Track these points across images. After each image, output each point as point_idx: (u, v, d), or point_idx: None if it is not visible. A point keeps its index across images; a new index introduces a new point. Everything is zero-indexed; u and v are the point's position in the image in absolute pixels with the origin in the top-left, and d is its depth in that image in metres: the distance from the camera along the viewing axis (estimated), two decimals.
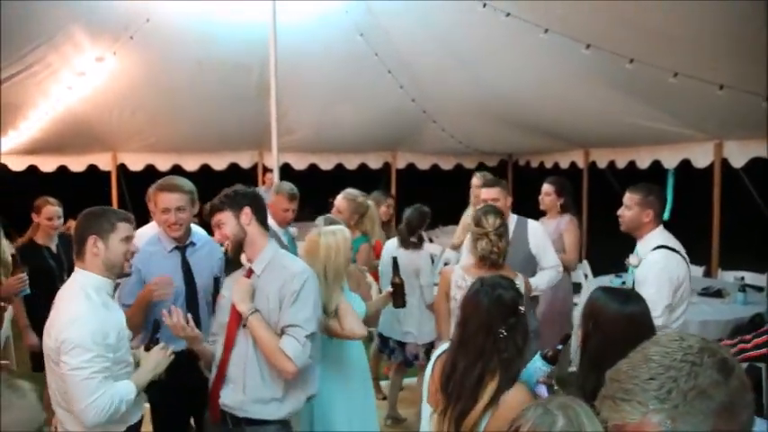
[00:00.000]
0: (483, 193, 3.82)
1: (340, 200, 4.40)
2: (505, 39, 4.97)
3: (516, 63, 5.41)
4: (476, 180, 4.96)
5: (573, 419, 1.31)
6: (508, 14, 4.44)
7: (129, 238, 2.41)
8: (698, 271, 6.14)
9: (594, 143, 7.77)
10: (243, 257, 2.59)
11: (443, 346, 2.24)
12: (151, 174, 7.88)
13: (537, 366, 2.16)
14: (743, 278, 5.38)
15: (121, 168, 8.59)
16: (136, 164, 8.47)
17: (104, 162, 8.50)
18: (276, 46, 4.93)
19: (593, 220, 7.84)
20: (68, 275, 2.44)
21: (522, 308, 2.08)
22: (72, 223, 6.24)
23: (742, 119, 5.03)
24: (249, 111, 7.24)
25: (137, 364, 2.41)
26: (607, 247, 4.12)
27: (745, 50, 3.86)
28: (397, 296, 3.26)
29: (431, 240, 9.44)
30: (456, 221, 9.90)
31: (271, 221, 3.74)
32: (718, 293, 5.22)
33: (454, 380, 2.03)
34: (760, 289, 5.62)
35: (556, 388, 2.19)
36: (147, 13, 5.54)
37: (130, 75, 6.35)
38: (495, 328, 2.00)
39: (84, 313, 2.19)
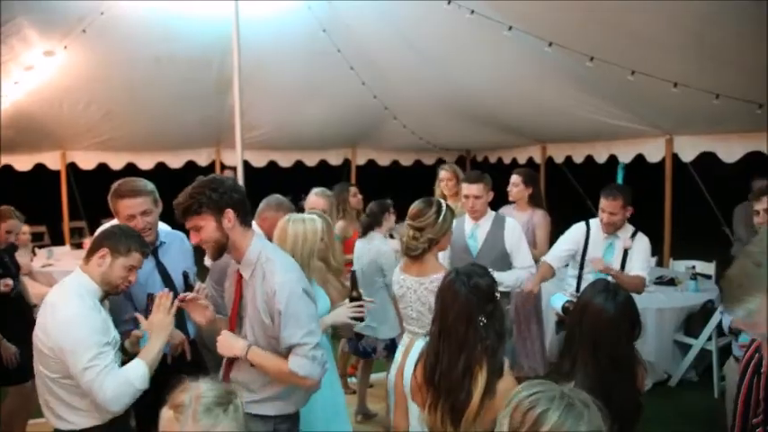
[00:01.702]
0: (465, 188, 3.80)
1: (315, 199, 4.29)
2: (469, 36, 5.03)
3: (479, 60, 5.48)
4: (444, 173, 4.97)
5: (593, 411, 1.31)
6: (473, 12, 4.49)
7: (134, 269, 2.46)
8: (651, 261, 6.40)
9: (552, 138, 7.96)
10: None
11: (419, 343, 2.26)
12: (104, 173, 7.62)
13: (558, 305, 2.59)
14: (694, 267, 5.63)
15: (71, 167, 8.25)
16: (87, 162, 8.15)
17: (53, 161, 8.14)
18: (239, 42, 4.84)
19: (549, 214, 8.02)
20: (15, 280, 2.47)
21: (498, 294, 2.13)
22: (27, 229, 6.00)
23: (692, 115, 5.25)
24: (207, 107, 7.11)
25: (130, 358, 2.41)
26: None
27: (700, 49, 4.04)
28: (356, 311, 2.98)
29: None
30: None
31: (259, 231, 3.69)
32: (671, 282, 5.46)
33: (440, 372, 2.04)
34: (708, 277, 5.91)
35: None
36: (101, 6, 5.34)
37: (82, 70, 6.11)
38: (475, 317, 2.02)
39: (78, 313, 2.25)
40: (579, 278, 3.87)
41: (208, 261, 3.16)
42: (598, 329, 2.06)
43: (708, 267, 6.01)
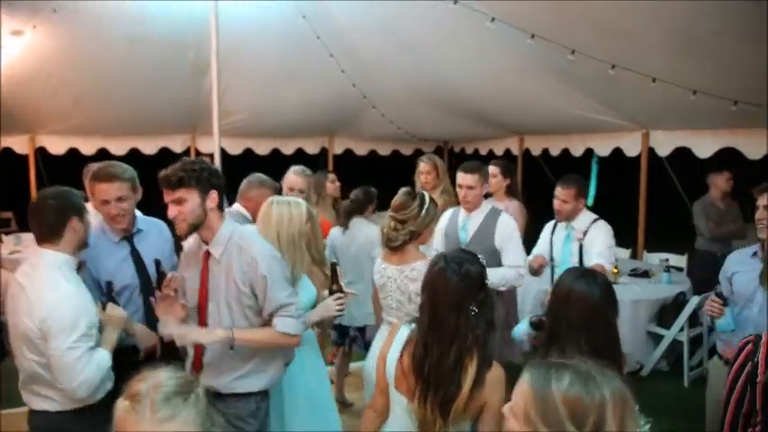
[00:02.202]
0: (459, 177, 3.69)
1: (294, 178, 4.18)
2: (452, 26, 5.00)
3: (461, 51, 5.46)
4: (423, 165, 4.90)
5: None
6: (456, 1, 4.46)
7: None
8: (625, 253, 6.52)
9: (530, 131, 8.00)
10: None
11: (404, 330, 2.22)
12: (74, 158, 7.42)
13: (524, 330, 2.38)
14: (667, 259, 5.73)
15: (40, 152, 8.01)
16: (57, 147, 7.92)
17: (21, 145, 7.87)
18: (218, 25, 4.74)
19: (526, 206, 8.10)
20: None
21: (488, 281, 2.09)
22: None
23: (669, 110, 5.33)
24: (183, 92, 6.95)
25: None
26: (538, 231, 4.25)
27: (679, 46, 4.08)
28: (335, 306, 2.86)
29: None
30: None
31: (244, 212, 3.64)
32: (645, 274, 5.55)
33: (430, 364, 2.00)
34: (680, 269, 6.04)
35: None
36: None
37: (52, 51, 5.92)
38: (466, 306, 1.98)
39: (67, 293, 2.25)
40: (552, 269, 3.94)
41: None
42: (586, 315, 2.03)
43: (680, 260, 6.13)
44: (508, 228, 3.59)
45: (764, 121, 4.70)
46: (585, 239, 3.78)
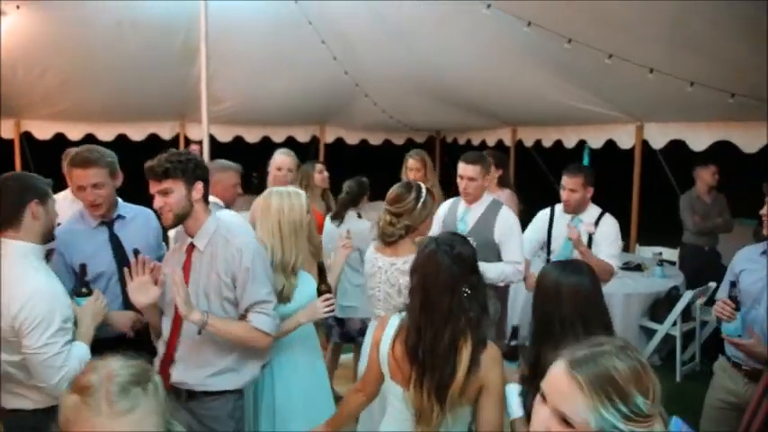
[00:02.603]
0: (460, 168, 3.55)
1: (282, 157, 4.20)
2: (447, 13, 4.91)
3: (455, 39, 5.36)
4: (412, 161, 4.72)
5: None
6: None
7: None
8: (620, 244, 6.48)
9: (523, 122, 7.93)
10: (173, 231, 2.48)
11: (394, 319, 2.15)
12: (61, 143, 7.26)
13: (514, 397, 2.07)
14: (660, 253, 5.69)
15: (26, 137, 7.84)
16: (43, 132, 7.76)
17: (6, 130, 7.69)
18: (207, 10, 4.62)
19: (518, 197, 8.06)
20: None
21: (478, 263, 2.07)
22: None
23: (664, 103, 5.27)
24: (172, 78, 6.82)
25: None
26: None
27: (677, 37, 4.01)
28: (324, 307, 2.68)
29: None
30: (383, 197, 9.96)
31: (215, 200, 3.54)
32: (638, 267, 5.52)
33: (423, 348, 1.96)
34: (673, 263, 6.01)
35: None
36: None
37: (37, 33, 5.77)
38: (459, 288, 1.95)
39: (37, 287, 2.11)
40: (548, 263, 3.83)
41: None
42: (582, 308, 1.95)
43: (672, 254, 6.10)
44: (508, 222, 3.48)
45: (762, 115, 4.65)
46: (596, 235, 3.61)
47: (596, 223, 3.65)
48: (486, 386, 1.96)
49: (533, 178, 8.37)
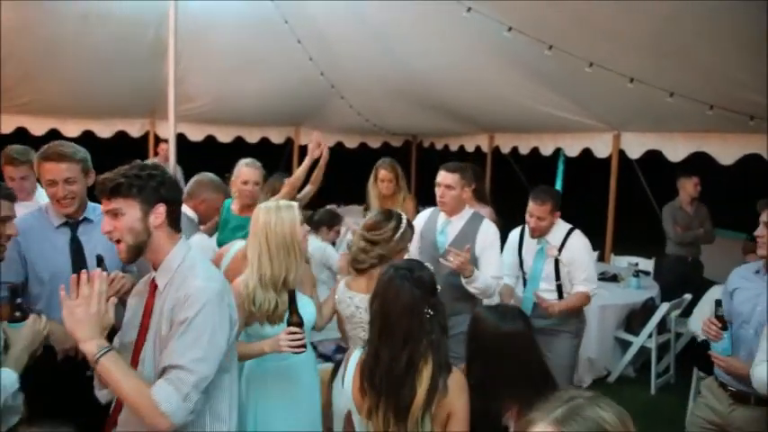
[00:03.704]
0: (439, 176, 3.43)
1: (247, 170, 3.82)
2: (427, 17, 4.81)
3: (435, 42, 5.26)
4: (384, 173, 4.58)
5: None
6: None
7: (7, 218, 2.13)
8: (593, 259, 6.45)
9: (500, 128, 7.88)
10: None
11: (357, 353, 2.07)
12: (22, 139, 6.95)
13: None
14: (637, 264, 5.66)
15: None
16: (4, 126, 7.39)
17: None
18: (177, 4, 4.43)
19: (495, 204, 8.01)
20: None
21: (439, 287, 2.04)
22: None
23: (643, 112, 5.24)
24: (142, 74, 6.58)
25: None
26: (507, 229, 4.04)
27: (657, 47, 3.97)
28: (295, 341, 2.37)
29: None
30: (358, 200, 9.83)
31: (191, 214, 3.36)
32: (614, 278, 5.47)
33: (380, 372, 1.90)
34: (647, 273, 6.00)
35: None
36: None
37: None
38: (420, 310, 1.92)
39: None
40: (524, 281, 3.74)
41: None
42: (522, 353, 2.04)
43: (647, 264, 6.09)
44: (489, 235, 3.37)
45: (738, 127, 4.65)
46: (563, 256, 3.50)
47: (564, 243, 3.53)
48: (453, 413, 1.90)
49: (510, 185, 8.33)
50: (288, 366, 2.58)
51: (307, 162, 4.02)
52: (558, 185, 11.97)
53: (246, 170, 3.83)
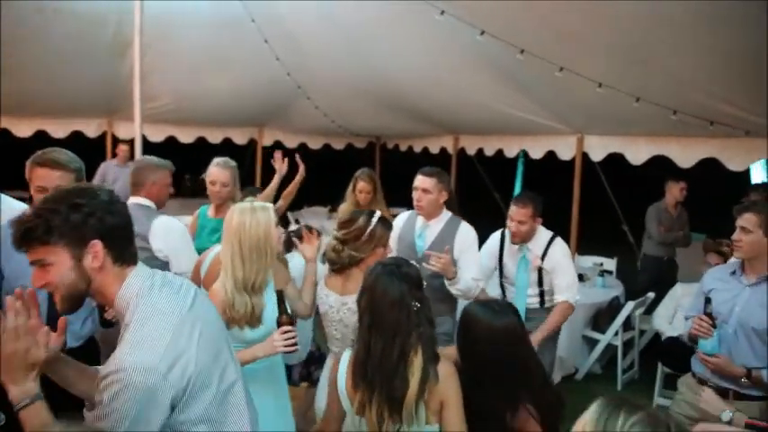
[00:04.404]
0: (416, 180, 3.45)
1: (215, 170, 3.71)
2: (399, 18, 4.81)
3: (406, 45, 5.27)
4: (363, 184, 4.67)
5: None
6: None
7: None
8: (572, 265, 6.58)
9: (466, 130, 7.94)
10: None
11: (347, 353, 2.10)
12: None
13: None
14: (602, 264, 5.80)
15: None
16: None
17: None
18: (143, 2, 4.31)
19: (460, 206, 8.09)
20: None
21: (425, 282, 2.15)
22: None
23: (608, 116, 5.37)
24: (100, 72, 6.41)
25: None
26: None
27: (627, 52, 4.08)
28: (286, 340, 2.36)
29: (297, 222, 9.18)
30: (322, 202, 9.77)
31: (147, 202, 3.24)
32: (580, 278, 5.56)
33: (371, 366, 1.95)
34: (610, 272, 6.16)
35: None
36: None
37: None
38: (408, 303, 1.99)
39: None
40: (502, 287, 3.78)
41: None
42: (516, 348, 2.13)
43: (610, 263, 6.25)
44: (468, 238, 3.40)
45: (698, 131, 4.83)
46: (545, 264, 3.54)
47: (546, 251, 3.56)
48: (446, 401, 1.97)
49: (474, 186, 8.43)
50: (271, 365, 2.54)
51: (276, 179, 4.28)
52: (518, 187, 12.23)
53: (215, 170, 3.73)
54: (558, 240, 3.63)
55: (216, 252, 2.87)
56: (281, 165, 4.41)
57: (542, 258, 3.55)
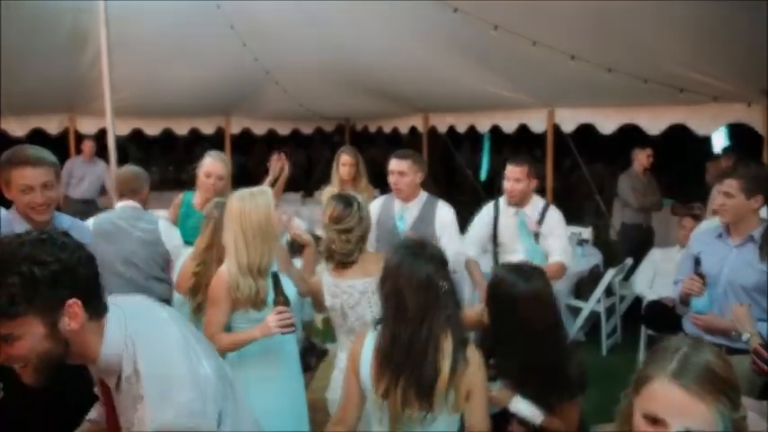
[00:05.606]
0: (391, 164, 3.52)
1: (211, 162, 3.68)
2: None
3: (375, 26, 5.21)
4: (346, 157, 4.61)
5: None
6: None
7: None
8: (567, 233, 6.70)
9: (435, 108, 7.93)
10: None
11: (371, 334, 2.05)
12: None
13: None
14: (581, 234, 5.93)
15: None
16: None
17: None
18: None
19: (432, 184, 8.13)
20: None
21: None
22: None
23: (580, 88, 5.43)
24: (58, 66, 6.15)
25: None
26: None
27: (598, 25, 4.12)
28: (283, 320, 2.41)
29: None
30: (295, 188, 9.68)
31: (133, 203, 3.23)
32: None
33: (398, 352, 1.90)
34: (586, 241, 6.30)
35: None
36: None
37: None
38: (436, 284, 1.93)
39: None
40: (495, 255, 3.83)
41: None
42: (543, 312, 2.15)
43: (586, 233, 6.40)
44: (447, 216, 3.52)
45: (666, 99, 4.93)
46: (543, 228, 3.60)
47: (542, 216, 3.63)
48: (472, 391, 1.94)
49: (446, 164, 8.49)
50: (271, 345, 2.55)
51: (269, 180, 4.31)
52: (486, 160, 12.34)
53: (210, 161, 3.69)
54: (553, 207, 3.72)
55: (185, 256, 3.08)
56: (275, 165, 4.41)
57: (539, 223, 3.61)
